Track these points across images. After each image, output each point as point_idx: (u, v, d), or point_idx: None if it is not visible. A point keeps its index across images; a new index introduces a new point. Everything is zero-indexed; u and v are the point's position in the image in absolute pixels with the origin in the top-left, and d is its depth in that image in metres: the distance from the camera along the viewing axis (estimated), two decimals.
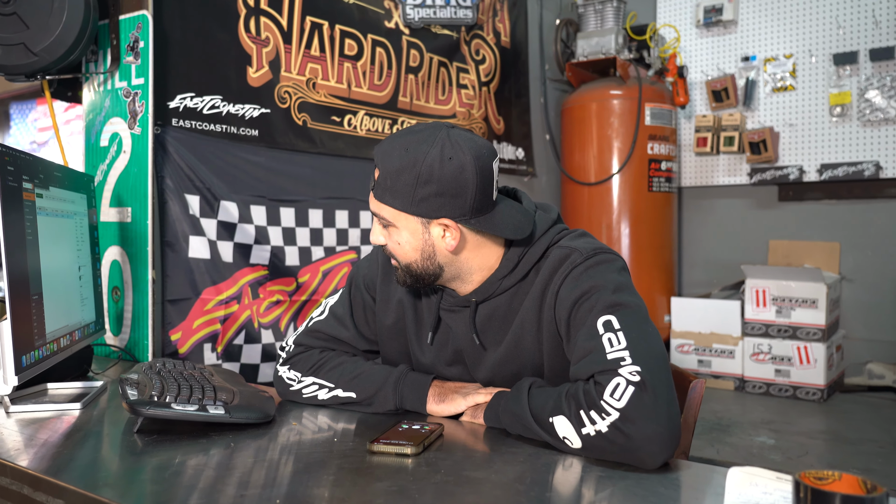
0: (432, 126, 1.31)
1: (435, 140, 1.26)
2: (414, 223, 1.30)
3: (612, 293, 1.21)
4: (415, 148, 1.26)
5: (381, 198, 1.29)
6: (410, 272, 1.35)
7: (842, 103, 3.98)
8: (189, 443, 1.21)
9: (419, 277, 1.36)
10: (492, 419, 1.30)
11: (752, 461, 2.71)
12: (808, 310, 3.71)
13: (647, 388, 1.08)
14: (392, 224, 1.31)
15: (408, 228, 1.30)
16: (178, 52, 2.25)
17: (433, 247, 1.32)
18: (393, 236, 1.32)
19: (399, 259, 1.34)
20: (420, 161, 1.25)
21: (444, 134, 1.28)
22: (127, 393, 1.31)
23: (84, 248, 1.81)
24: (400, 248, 1.32)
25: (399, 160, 1.26)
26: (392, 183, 1.26)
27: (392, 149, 1.27)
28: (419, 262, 1.33)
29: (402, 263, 1.35)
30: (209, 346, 2.32)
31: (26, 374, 1.38)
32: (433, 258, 1.33)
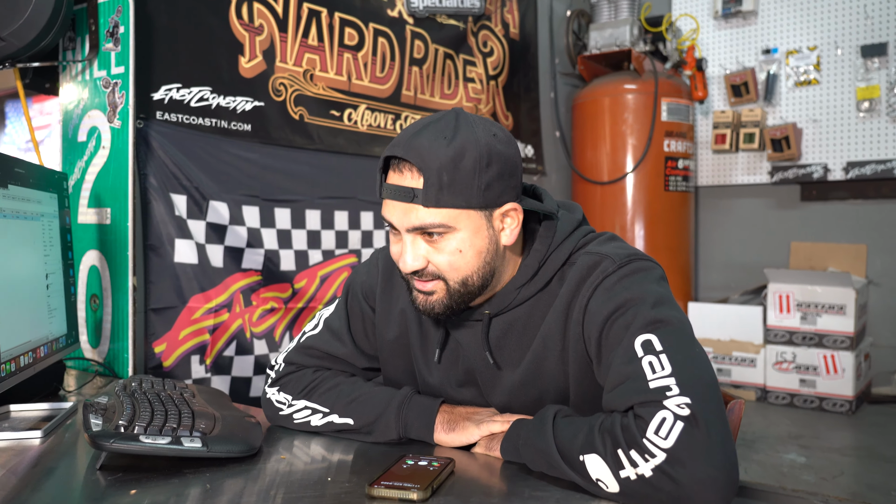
0: (442, 113, 1.14)
1: (467, 120, 1.11)
2: (477, 219, 1.10)
3: (651, 308, 1.04)
4: (453, 133, 1.08)
5: (436, 202, 1.07)
6: (466, 288, 1.14)
7: (870, 98, 3.83)
8: (159, 482, 1.05)
9: (471, 294, 1.15)
10: (510, 453, 1.12)
11: (784, 481, 2.55)
12: (835, 316, 3.57)
13: (698, 423, 0.91)
14: (449, 230, 1.10)
15: (469, 228, 1.10)
16: (163, 40, 2.09)
17: (496, 244, 1.14)
18: (447, 246, 1.11)
19: (454, 274, 1.13)
20: (473, 143, 1.08)
21: (460, 111, 1.13)
22: (90, 422, 1.15)
23: (53, 253, 1.63)
24: (460, 257, 1.11)
25: (448, 149, 1.06)
26: (450, 178, 1.06)
27: (424, 144, 1.07)
28: (479, 269, 1.13)
29: (459, 279, 1.13)
30: (197, 359, 2.16)
31: None
32: (493, 260, 1.15)
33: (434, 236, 1.10)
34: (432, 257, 1.12)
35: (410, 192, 1.07)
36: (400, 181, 1.09)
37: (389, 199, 1.11)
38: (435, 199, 1.06)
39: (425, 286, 1.14)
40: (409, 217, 1.09)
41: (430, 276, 1.13)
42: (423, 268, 1.13)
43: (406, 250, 1.12)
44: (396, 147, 1.09)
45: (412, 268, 1.12)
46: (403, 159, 1.08)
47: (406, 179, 1.08)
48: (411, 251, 1.11)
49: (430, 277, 1.14)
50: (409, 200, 1.08)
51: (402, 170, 1.09)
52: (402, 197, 1.08)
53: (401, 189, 1.09)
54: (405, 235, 1.11)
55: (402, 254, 1.12)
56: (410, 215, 1.09)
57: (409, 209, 1.09)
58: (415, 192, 1.07)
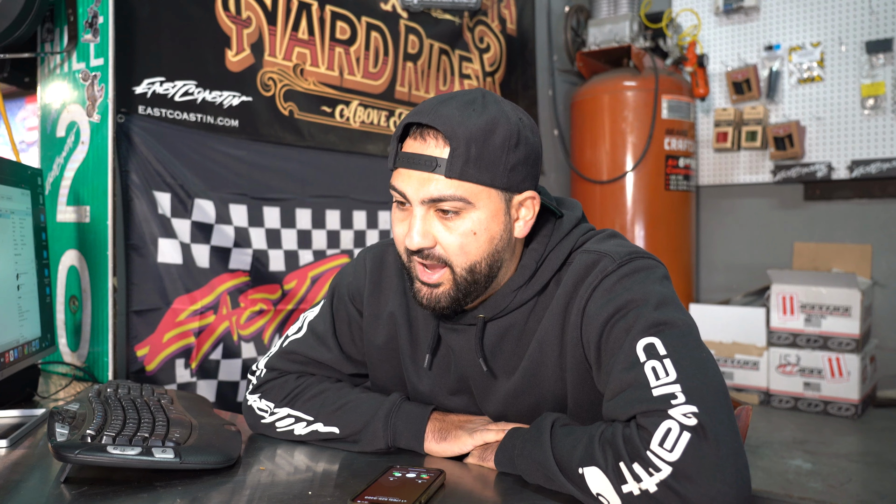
0: (466, 90, 1.08)
1: (495, 97, 1.06)
2: (497, 201, 1.05)
3: (654, 309, 0.99)
4: (483, 106, 1.02)
5: (461, 173, 1.01)
6: (473, 276, 1.07)
7: (875, 95, 3.81)
8: (126, 497, 0.99)
9: (477, 283, 1.08)
10: (505, 464, 1.07)
11: (790, 489, 2.51)
12: (840, 318, 3.54)
13: (707, 434, 0.86)
14: (467, 208, 1.03)
15: (488, 209, 1.04)
16: (145, 31, 2.02)
17: (509, 233, 1.08)
18: (461, 226, 1.04)
19: (462, 259, 1.06)
20: (505, 119, 1.02)
21: (490, 93, 1.09)
22: (55, 431, 1.10)
23: (26, 252, 1.56)
24: (473, 240, 1.04)
25: (479, 120, 1.01)
26: (478, 150, 1.00)
27: (454, 112, 1.01)
28: (489, 256, 1.07)
29: (467, 265, 1.06)
30: (182, 363, 2.09)
31: None
32: (503, 250, 1.09)
33: (449, 213, 1.04)
34: (442, 237, 1.05)
35: (433, 161, 1.01)
36: (421, 149, 1.03)
37: (405, 168, 1.05)
38: (460, 170, 1.01)
39: (431, 277, 1.07)
40: (427, 187, 1.02)
41: (436, 260, 1.06)
42: (431, 248, 1.06)
43: (415, 224, 1.04)
44: (421, 114, 1.03)
45: (419, 245, 1.04)
46: (429, 126, 1.02)
47: (429, 147, 1.02)
48: (421, 225, 1.04)
49: (435, 262, 1.06)
50: (431, 170, 1.01)
51: (425, 137, 1.03)
52: (423, 165, 1.02)
53: (422, 157, 1.02)
54: (417, 208, 1.04)
55: (410, 229, 1.04)
56: (429, 185, 1.02)
57: (427, 179, 1.02)
58: (437, 161, 1.01)
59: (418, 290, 1.09)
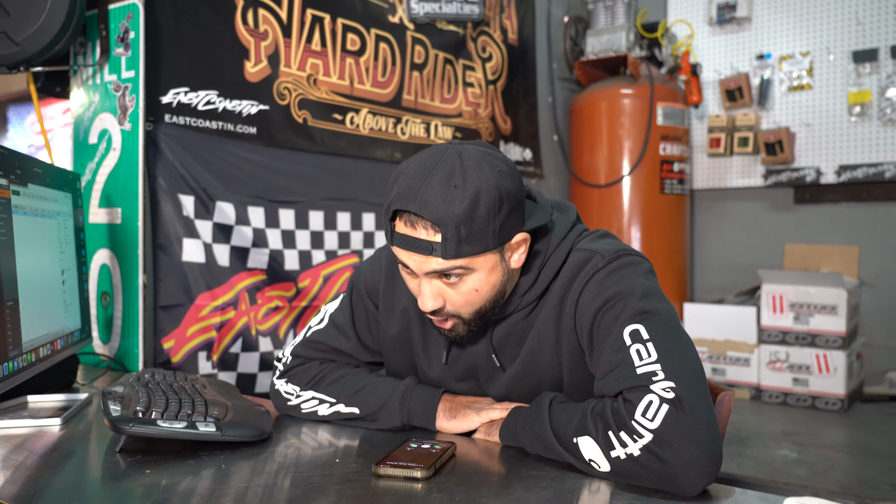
0: (438, 151, 1.11)
1: (471, 160, 1.08)
2: (492, 259, 1.12)
3: (639, 299, 1.10)
4: (462, 180, 1.06)
5: (456, 253, 1.07)
6: (482, 315, 1.17)
7: (861, 102, 3.88)
8: (176, 464, 1.10)
9: (486, 317, 1.19)
10: (508, 437, 1.18)
11: (776, 476, 2.60)
12: (827, 316, 3.60)
13: (683, 406, 0.97)
14: (467, 272, 1.11)
15: (486, 267, 1.12)
16: (171, 44, 2.14)
17: (508, 272, 1.17)
18: (464, 287, 1.12)
19: (469, 309, 1.16)
20: (483, 188, 1.06)
21: (461, 150, 1.11)
22: (109, 408, 1.21)
23: (68, 250, 1.69)
24: (476, 295, 1.14)
25: (461, 202, 1.04)
26: (468, 231, 1.06)
27: (437, 197, 1.04)
28: (493, 298, 1.16)
29: (474, 311, 1.16)
30: (204, 355, 2.20)
31: (2, 387, 1.26)
32: (504, 286, 1.18)
33: (452, 278, 1.12)
34: (449, 297, 1.14)
35: (428, 246, 1.07)
36: (414, 234, 1.08)
37: (405, 250, 1.10)
38: (455, 251, 1.07)
39: (444, 325, 1.18)
40: (429, 264, 1.09)
41: (447, 315, 1.16)
42: (441, 307, 1.15)
43: (424, 293, 1.13)
44: (407, 201, 1.06)
45: (431, 308, 1.13)
46: (417, 214, 1.06)
47: (420, 233, 1.07)
48: (429, 291, 1.13)
49: (446, 317, 1.17)
50: (428, 253, 1.07)
51: (415, 225, 1.07)
52: (421, 250, 1.08)
53: (417, 241, 1.08)
54: (423, 279, 1.13)
55: (421, 295, 1.14)
56: (430, 263, 1.09)
57: (427, 259, 1.09)
58: (433, 246, 1.07)
59: (439, 329, 1.20)
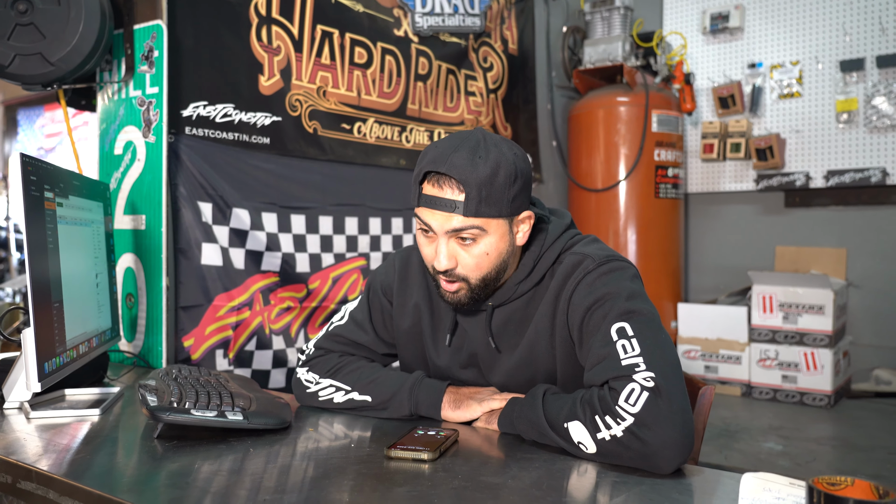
0: (466, 132, 1.29)
1: (493, 140, 1.27)
2: (503, 226, 1.28)
3: (625, 300, 1.23)
4: (486, 152, 1.23)
5: (476, 212, 1.23)
6: (485, 283, 1.32)
7: (848, 110, 3.99)
8: (208, 448, 1.22)
9: (489, 286, 1.33)
10: (506, 425, 1.31)
11: (761, 467, 2.72)
12: (815, 316, 3.71)
13: (661, 393, 1.10)
14: (482, 234, 1.26)
15: (497, 233, 1.27)
16: (191, 61, 2.27)
17: (512, 245, 1.32)
18: (476, 249, 1.27)
19: (476, 273, 1.30)
20: (503, 162, 1.23)
21: (485, 132, 1.29)
22: (147, 399, 1.32)
23: (100, 255, 1.83)
24: (486, 258, 1.28)
25: (485, 167, 1.22)
26: (487, 192, 1.22)
27: (464, 161, 1.22)
28: (497, 267, 1.31)
29: (480, 276, 1.30)
30: (221, 353, 2.33)
31: (48, 381, 1.40)
32: (508, 258, 1.32)
33: (467, 241, 1.26)
34: (461, 258, 1.28)
35: (452, 204, 1.23)
36: (441, 194, 1.24)
37: (429, 209, 1.26)
38: (475, 210, 1.22)
39: (451, 287, 1.31)
40: (450, 222, 1.24)
41: (456, 277, 1.30)
42: (453, 268, 1.29)
43: (441, 251, 1.27)
44: (437, 163, 1.23)
45: (445, 266, 1.27)
46: (446, 174, 1.23)
47: (447, 192, 1.23)
48: (445, 250, 1.27)
49: (455, 279, 1.30)
50: (451, 211, 1.23)
51: (442, 185, 1.23)
52: (444, 207, 1.24)
53: (444, 200, 1.23)
54: (441, 238, 1.27)
55: (437, 254, 1.28)
56: (451, 221, 1.24)
57: (448, 216, 1.24)
58: (456, 204, 1.23)
59: (444, 294, 1.34)
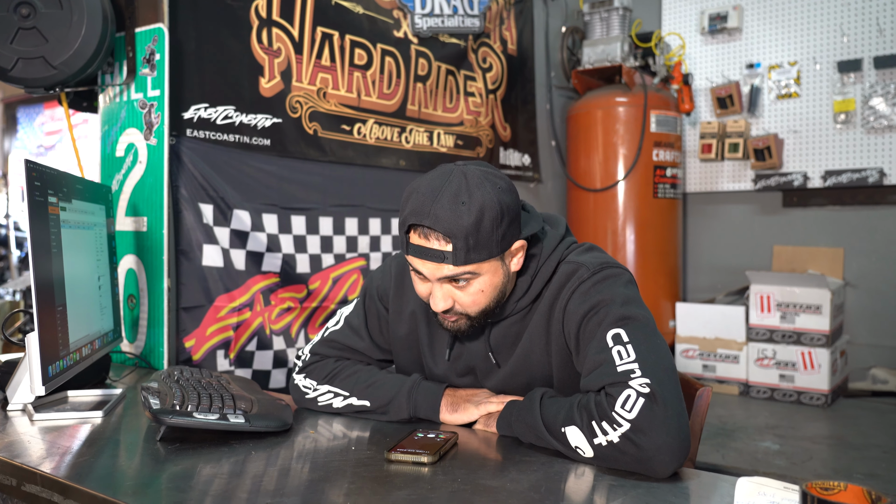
0: (445, 172, 1.26)
1: (475, 179, 1.24)
2: (496, 263, 1.27)
3: (620, 306, 1.24)
4: (468, 197, 1.21)
5: (465, 260, 1.22)
6: (486, 314, 1.33)
7: (846, 110, 4.00)
8: (210, 451, 1.24)
9: (489, 315, 1.34)
10: (504, 428, 1.33)
11: (757, 466, 2.74)
12: (812, 315, 3.73)
13: (657, 399, 1.11)
14: (474, 276, 1.26)
15: (490, 272, 1.27)
16: (192, 64, 2.28)
17: (508, 275, 1.32)
18: (470, 289, 1.27)
19: (475, 308, 1.30)
20: (487, 205, 1.21)
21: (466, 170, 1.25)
22: (150, 402, 1.33)
23: (103, 257, 1.84)
24: (482, 295, 1.28)
25: (469, 216, 1.20)
26: (475, 240, 1.21)
27: (447, 212, 1.20)
28: (495, 299, 1.31)
29: (479, 310, 1.31)
30: (222, 353, 2.35)
31: (52, 384, 1.41)
32: (505, 287, 1.33)
33: (461, 283, 1.27)
34: (458, 298, 1.28)
35: (441, 254, 1.22)
36: (428, 245, 1.23)
37: (419, 259, 1.25)
38: (464, 258, 1.22)
39: (449, 321, 1.33)
40: (441, 271, 1.24)
41: (455, 313, 1.31)
42: (451, 307, 1.30)
43: (436, 295, 1.28)
44: (420, 216, 1.21)
45: (443, 308, 1.28)
46: (430, 228, 1.21)
47: (433, 244, 1.22)
48: (440, 294, 1.28)
49: (454, 315, 1.31)
50: (440, 261, 1.23)
51: (428, 236, 1.22)
52: (433, 258, 1.23)
53: (430, 251, 1.23)
54: (434, 284, 1.27)
55: (433, 298, 1.29)
56: (441, 270, 1.24)
57: (439, 266, 1.24)
58: (445, 254, 1.22)
59: (442, 322, 1.35)
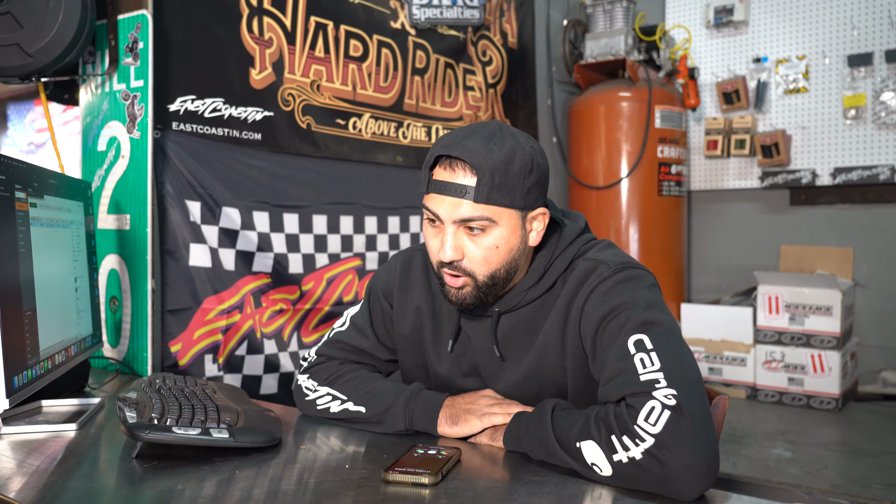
0: (483, 123, 1.23)
1: (511, 130, 1.21)
2: (515, 219, 1.21)
3: (643, 310, 1.15)
4: (501, 140, 1.18)
5: (487, 198, 1.16)
6: (493, 281, 1.24)
7: (856, 106, 3.93)
8: (191, 470, 1.14)
9: (497, 285, 1.25)
10: (512, 443, 1.23)
11: (770, 475, 2.65)
12: (822, 317, 3.66)
13: (683, 413, 1.01)
14: (492, 225, 1.19)
15: (508, 225, 1.20)
16: (178, 53, 2.18)
17: (524, 244, 1.25)
18: (485, 241, 1.20)
19: (484, 268, 1.22)
20: (520, 150, 1.18)
21: (502, 123, 1.24)
22: (125, 415, 1.24)
23: (81, 258, 1.73)
24: (495, 252, 1.21)
25: (500, 152, 1.16)
26: (501, 178, 1.16)
27: (478, 146, 1.16)
28: (507, 264, 1.23)
29: (488, 273, 1.23)
30: (210, 358, 2.25)
31: (18, 396, 1.30)
32: (518, 258, 1.25)
33: (475, 231, 1.19)
34: (469, 251, 1.21)
35: (463, 189, 1.17)
36: (452, 178, 1.18)
37: (438, 194, 1.20)
38: (486, 196, 1.16)
39: (456, 281, 1.23)
40: (458, 210, 1.18)
41: (461, 271, 1.22)
42: (459, 260, 1.21)
43: (447, 241, 1.20)
44: (450, 147, 1.17)
45: (451, 258, 1.20)
46: (458, 158, 1.17)
47: (458, 177, 1.17)
48: (452, 241, 1.20)
49: (460, 272, 1.22)
50: (461, 196, 1.17)
51: (454, 168, 1.17)
52: (455, 192, 1.17)
53: (454, 185, 1.17)
54: (448, 227, 1.20)
55: (443, 245, 1.20)
56: (459, 208, 1.18)
57: (458, 203, 1.18)
58: (467, 189, 1.16)
59: (448, 291, 1.26)
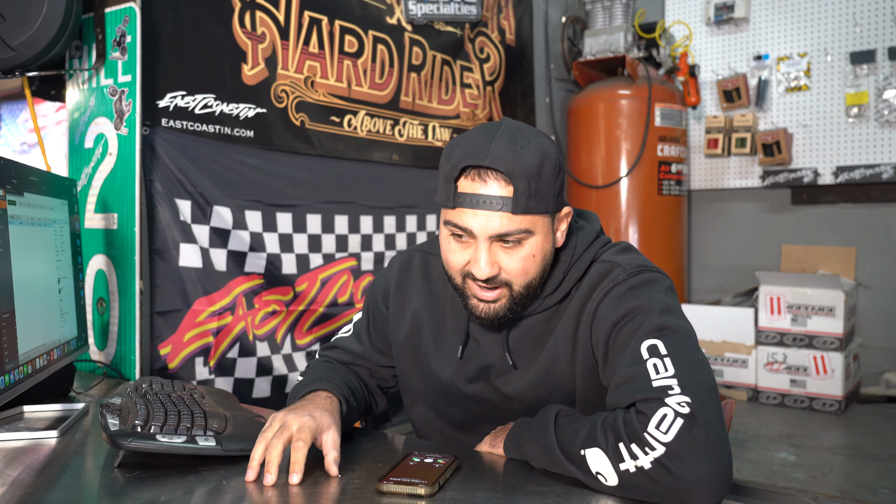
0: (494, 123, 1.16)
1: (528, 128, 1.15)
2: (548, 223, 1.14)
3: (658, 315, 1.09)
4: (525, 141, 1.10)
5: (525, 209, 1.08)
6: (528, 290, 1.17)
7: (859, 103, 3.89)
8: (176, 480, 1.09)
9: (530, 295, 1.18)
10: (513, 450, 1.18)
11: (775, 480, 2.61)
12: (825, 318, 3.63)
13: (697, 421, 0.96)
14: (528, 236, 1.12)
15: (542, 232, 1.13)
16: (168, 48, 2.12)
17: (553, 246, 1.19)
18: (522, 252, 1.12)
19: (522, 279, 1.15)
20: (547, 152, 1.11)
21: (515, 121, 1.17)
22: (108, 422, 1.19)
23: (65, 258, 1.67)
24: (532, 262, 1.14)
25: (530, 156, 1.08)
26: (537, 186, 1.09)
27: (506, 151, 1.07)
28: (542, 270, 1.17)
29: (525, 283, 1.15)
30: (201, 361, 2.19)
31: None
32: (549, 262, 1.18)
33: (510, 243, 1.12)
34: (505, 264, 1.13)
35: (499, 201, 1.08)
36: (485, 189, 1.09)
37: (470, 209, 1.10)
38: (525, 206, 1.08)
39: (489, 295, 1.15)
40: (493, 224, 1.09)
41: (498, 283, 1.14)
42: (496, 275, 1.14)
43: (482, 257, 1.11)
44: (476, 155, 1.08)
45: (488, 275, 1.12)
46: (489, 168, 1.08)
47: (491, 188, 1.08)
48: (487, 258, 1.11)
49: (497, 285, 1.15)
50: (497, 209, 1.08)
51: (484, 178, 1.09)
52: (489, 206, 1.08)
53: (488, 198, 1.08)
54: (482, 243, 1.11)
55: (478, 262, 1.12)
56: (494, 222, 1.09)
57: (493, 216, 1.09)
58: (504, 201, 1.08)
59: (475, 307, 1.17)
